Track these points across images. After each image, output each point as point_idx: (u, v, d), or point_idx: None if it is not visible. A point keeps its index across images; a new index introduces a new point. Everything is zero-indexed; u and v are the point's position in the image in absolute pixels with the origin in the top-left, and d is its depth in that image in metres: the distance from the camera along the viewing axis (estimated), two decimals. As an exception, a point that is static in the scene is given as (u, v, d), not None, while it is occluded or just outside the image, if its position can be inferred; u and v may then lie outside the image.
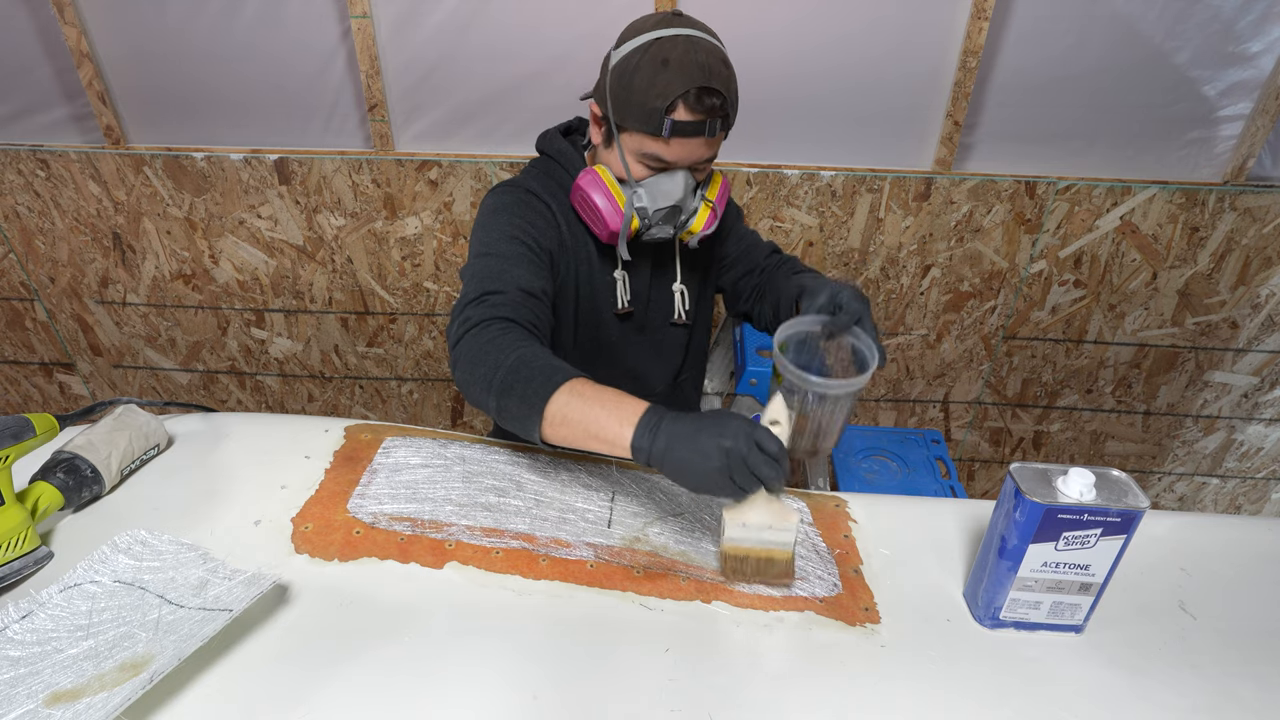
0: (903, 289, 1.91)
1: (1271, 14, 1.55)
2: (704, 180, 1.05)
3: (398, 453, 0.96)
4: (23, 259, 1.94)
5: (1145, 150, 1.73)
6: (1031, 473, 0.74)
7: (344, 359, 2.09)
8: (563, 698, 0.69)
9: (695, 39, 0.93)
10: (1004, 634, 0.79)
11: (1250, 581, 0.88)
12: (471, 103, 1.71)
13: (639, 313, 1.16)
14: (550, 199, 1.06)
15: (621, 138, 0.99)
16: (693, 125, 0.93)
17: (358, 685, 0.68)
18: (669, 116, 0.92)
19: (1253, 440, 2.14)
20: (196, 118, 1.75)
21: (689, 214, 1.04)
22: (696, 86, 0.90)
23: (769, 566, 0.80)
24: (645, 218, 1.02)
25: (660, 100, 0.91)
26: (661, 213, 1.01)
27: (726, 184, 1.08)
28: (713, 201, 1.05)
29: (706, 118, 0.93)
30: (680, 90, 0.90)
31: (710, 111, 0.92)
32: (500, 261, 0.97)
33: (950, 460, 1.76)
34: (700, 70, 0.91)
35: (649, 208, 1.01)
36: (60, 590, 0.73)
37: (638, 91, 0.93)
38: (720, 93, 0.92)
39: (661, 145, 0.95)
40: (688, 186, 1.00)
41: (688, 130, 0.93)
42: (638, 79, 0.93)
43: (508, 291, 0.92)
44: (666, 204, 1.00)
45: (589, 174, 1.01)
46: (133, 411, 0.95)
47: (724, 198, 1.07)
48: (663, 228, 1.03)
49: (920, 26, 1.60)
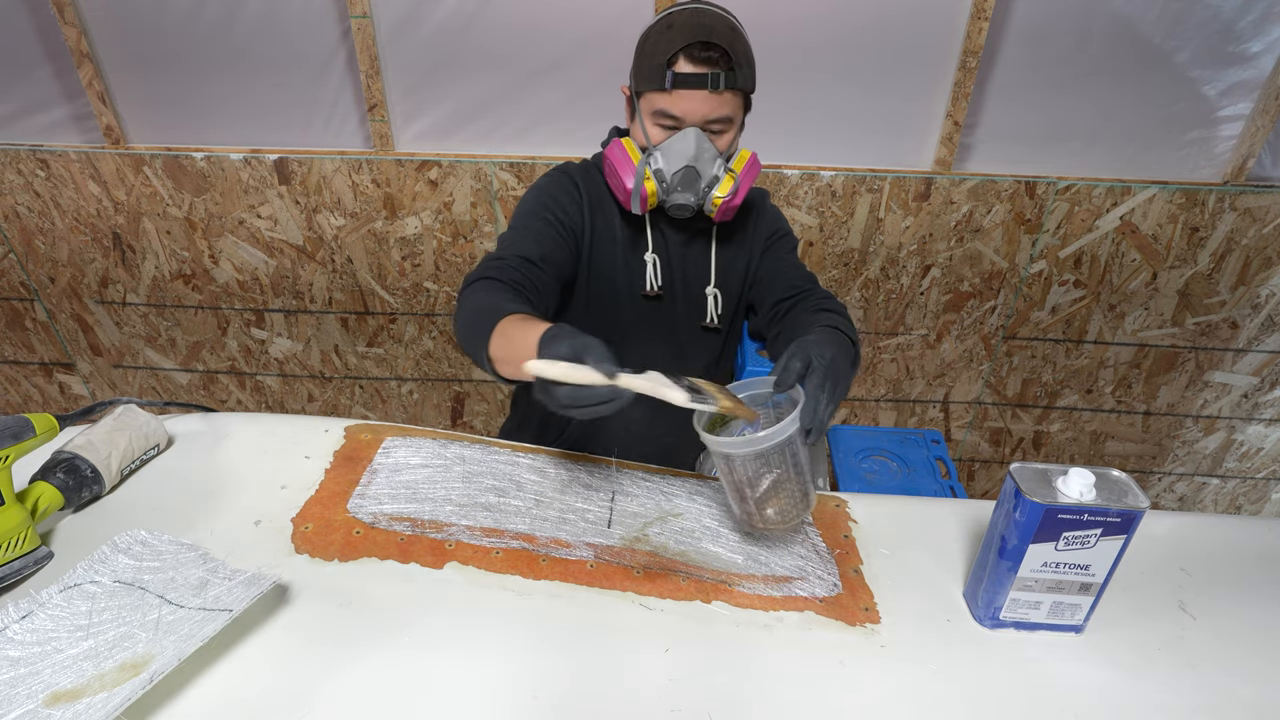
0: (903, 289, 1.91)
1: (1271, 14, 1.55)
2: (730, 154, 1.05)
3: (398, 453, 0.96)
4: (23, 259, 1.94)
5: (1145, 150, 1.73)
6: (1031, 473, 0.74)
7: (344, 359, 2.09)
8: (563, 698, 0.69)
9: (703, 7, 1.00)
10: (1004, 634, 0.79)
11: (1250, 581, 0.88)
12: (471, 103, 1.71)
13: (667, 305, 1.16)
14: (581, 178, 1.12)
15: (640, 104, 1.04)
16: (694, 77, 0.97)
17: (358, 685, 0.68)
18: (670, 69, 0.97)
19: (1253, 440, 2.14)
20: (196, 118, 1.75)
21: (709, 182, 1.03)
22: (697, 40, 0.95)
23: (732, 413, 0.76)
24: (663, 181, 1.03)
25: (663, 55, 0.97)
26: (679, 175, 1.02)
27: (756, 161, 1.07)
28: (737, 173, 1.04)
29: (708, 69, 0.96)
30: (681, 44, 0.96)
31: (710, 63, 0.96)
32: (514, 233, 1.05)
33: (950, 460, 1.76)
34: (702, 29, 0.96)
35: (665, 170, 1.02)
36: (60, 590, 0.73)
37: (646, 54, 1.00)
38: (720, 47, 0.95)
39: (666, 98, 0.99)
40: (701, 146, 1.00)
41: (689, 82, 0.97)
42: (648, 44, 1.01)
43: (506, 258, 0.99)
44: (680, 163, 1.01)
45: (614, 143, 1.07)
46: (133, 411, 0.95)
47: (751, 173, 1.06)
48: (683, 194, 1.02)
49: (920, 26, 1.60)
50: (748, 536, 0.89)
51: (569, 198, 1.10)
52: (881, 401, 2.12)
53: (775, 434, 0.74)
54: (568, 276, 1.09)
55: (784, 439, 0.75)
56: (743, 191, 1.05)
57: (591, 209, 1.11)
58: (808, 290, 1.11)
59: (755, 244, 1.18)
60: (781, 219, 1.22)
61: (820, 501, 0.97)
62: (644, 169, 1.03)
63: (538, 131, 1.75)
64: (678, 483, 0.98)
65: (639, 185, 1.03)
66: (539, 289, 0.99)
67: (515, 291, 0.95)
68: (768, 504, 0.80)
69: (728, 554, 0.86)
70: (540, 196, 1.09)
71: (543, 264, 1.01)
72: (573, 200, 1.10)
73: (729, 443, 0.75)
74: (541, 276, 1.00)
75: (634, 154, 1.04)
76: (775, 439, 0.74)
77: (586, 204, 1.11)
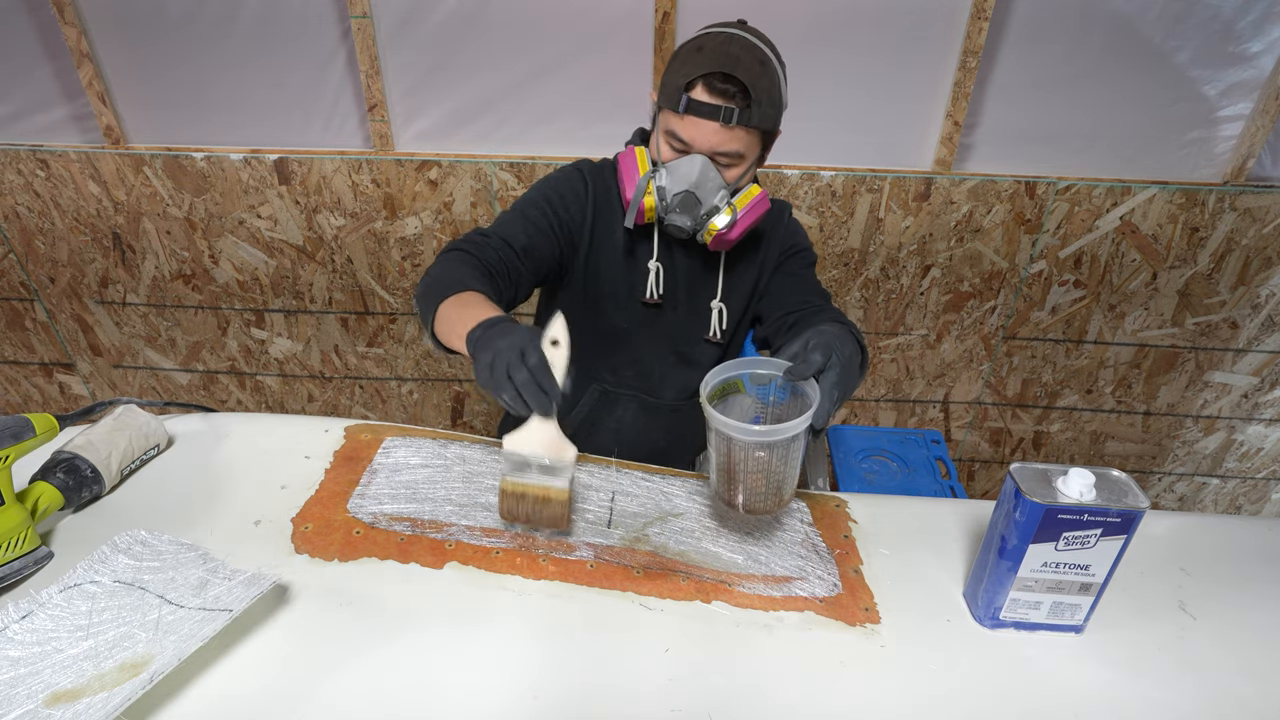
0: (903, 289, 1.91)
1: (1271, 14, 1.55)
2: (737, 187, 1.04)
3: (398, 453, 0.96)
4: (23, 259, 1.94)
5: (1145, 150, 1.73)
6: (1031, 473, 0.74)
7: (344, 359, 2.09)
8: (563, 698, 0.69)
9: (736, 35, 0.97)
10: (1004, 634, 0.79)
11: (1250, 581, 0.88)
12: (471, 103, 1.71)
13: (667, 313, 1.16)
14: (592, 178, 1.12)
15: (658, 119, 1.04)
16: (707, 107, 0.95)
17: (358, 685, 0.68)
18: (687, 94, 0.96)
19: (1253, 440, 2.14)
20: (196, 118, 1.75)
21: (708, 210, 1.03)
22: (719, 71, 0.94)
23: (544, 507, 0.81)
24: (664, 199, 1.03)
25: (684, 78, 0.96)
26: (678, 197, 1.01)
27: (763, 199, 1.06)
28: (738, 208, 1.03)
29: (722, 103, 0.95)
30: (702, 71, 0.95)
31: (727, 96, 0.95)
32: (508, 216, 1.07)
33: (950, 460, 1.76)
34: (728, 59, 0.94)
35: (668, 189, 1.02)
36: (60, 590, 0.73)
37: (671, 72, 0.99)
38: (741, 82, 0.94)
39: (679, 121, 0.98)
40: (706, 174, 1.00)
41: (702, 111, 0.96)
42: (675, 61, 1.00)
43: (490, 237, 1.02)
44: (682, 186, 1.01)
45: (629, 150, 1.07)
46: (133, 411, 0.95)
47: (754, 211, 1.05)
48: (680, 216, 1.02)
49: (920, 26, 1.60)
50: (748, 536, 0.89)
51: (573, 195, 1.10)
52: (881, 401, 2.12)
53: (786, 429, 0.75)
54: (548, 272, 1.10)
55: (793, 435, 0.76)
56: (741, 226, 1.04)
57: (596, 210, 1.11)
58: (819, 307, 1.09)
59: (768, 260, 1.16)
60: (800, 234, 1.20)
61: (820, 501, 0.97)
62: (646, 183, 1.03)
63: (538, 131, 1.75)
64: (677, 483, 0.98)
65: (637, 199, 1.03)
66: (510, 275, 1.01)
67: (484, 270, 0.98)
68: (755, 489, 0.80)
69: (728, 554, 0.86)
70: (545, 189, 1.10)
71: (522, 253, 1.03)
72: (576, 199, 1.10)
73: (737, 427, 0.76)
74: (517, 264, 1.02)
75: (644, 166, 1.04)
76: (786, 434, 0.75)
77: (591, 205, 1.11)
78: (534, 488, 0.81)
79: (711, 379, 0.82)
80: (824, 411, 0.78)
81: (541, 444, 0.78)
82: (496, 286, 0.98)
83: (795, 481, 0.82)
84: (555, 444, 0.79)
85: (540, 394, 0.74)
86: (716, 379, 0.83)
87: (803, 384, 0.81)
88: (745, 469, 0.79)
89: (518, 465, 0.80)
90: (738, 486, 0.81)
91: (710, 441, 0.81)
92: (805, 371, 0.80)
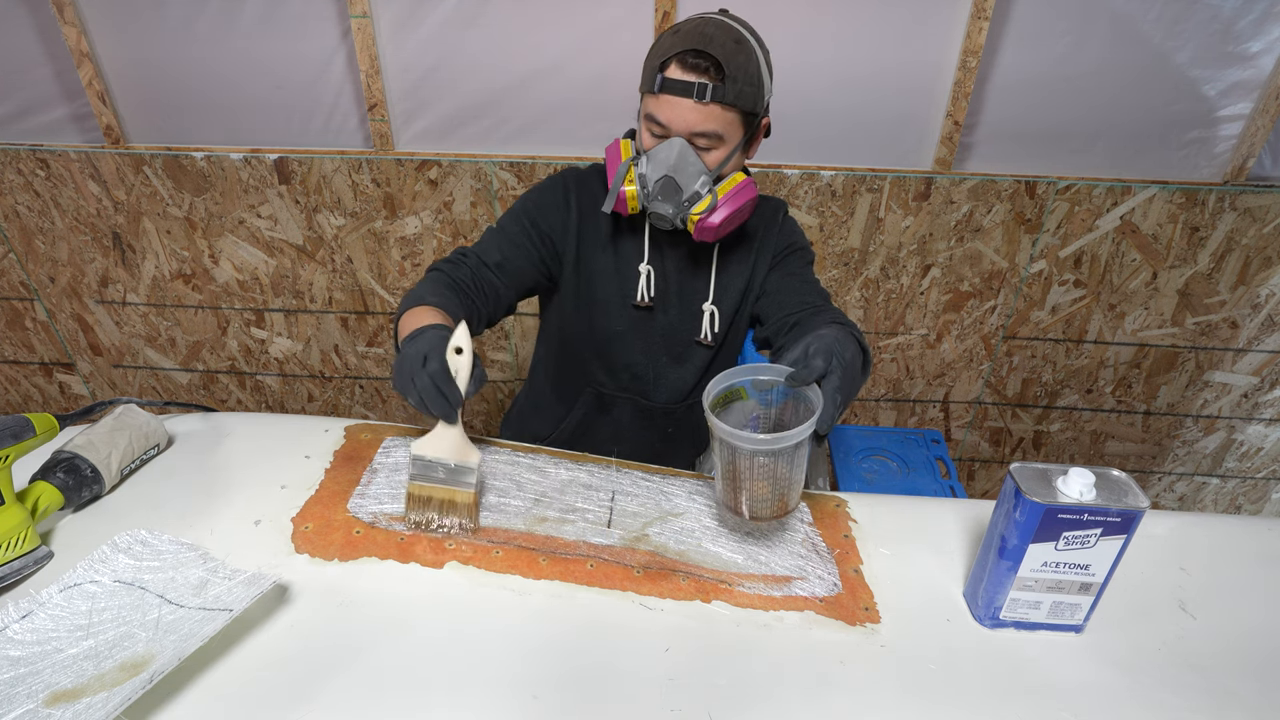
0: (903, 289, 1.91)
1: (1271, 14, 1.55)
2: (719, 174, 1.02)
3: (398, 453, 0.96)
4: (22, 259, 1.94)
5: (1145, 150, 1.73)
6: (1031, 473, 0.74)
7: (344, 359, 2.09)
8: (563, 698, 0.69)
9: (712, 17, 0.98)
10: (1004, 634, 0.79)
11: (1250, 581, 0.88)
12: (471, 103, 1.71)
13: (659, 316, 1.15)
14: (575, 185, 1.14)
15: (640, 106, 1.04)
16: (681, 85, 0.95)
17: (358, 685, 0.68)
18: (662, 73, 0.97)
19: (1253, 440, 2.14)
20: (196, 117, 1.75)
21: (690, 196, 1.01)
22: (692, 47, 0.94)
23: (451, 509, 0.83)
24: (645, 187, 1.03)
25: (658, 58, 0.97)
26: (659, 184, 1.01)
27: (747, 186, 1.04)
28: (719, 195, 1.02)
29: (695, 78, 0.95)
30: (677, 49, 0.95)
31: (699, 71, 0.95)
32: (489, 232, 1.12)
33: (950, 460, 1.76)
34: (703, 37, 0.95)
35: (649, 176, 1.02)
36: (60, 590, 0.73)
37: (649, 57, 1.00)
38: (713, 57, 0.94)
39: (655, 102, 0.98)
40: (684, 158, 0.98)
41: (676, 88, 0.96)
42: (654, 46, 1.00)
43: (468, 255, 1.07)
44: (661, 171, 1.00)
45: (614, 141, 1.08)
46: (133, 411, 0.95)
47: (737, 197, 1.02)
48: (662, 204, 1.01)
49: (920, 26, 1.60)
50: (748, 536, 0.89)
51: (553, 205, 1.12)
52: (881, 401, 2.12)
53: (791, 437, 0.75)
54: (533, 283, 1.13)
55: (797, 441, 0.76)
56: (721, 212, 1.01)
57: (581, 215, 1.11)
58: (820, 307, 1.07)
59: (761, 261, 1.15)
60: (797, 233, 1.18)
61: (820, 501, 0.97)
62: (628, 168, 1.03)
63: (538, 131, 1.75)
64: (677, 483, 0.98)
65: (617, 184, 1.03)
66: (485, 291, 1.06)
67: (454, 287, 1.02)
68: (760, 495, 0.80)
69: (728, 554, 0.86)
70: (525, 202, 1.13)
71: (496, 269, 1.07)
72: (556, 208, 1.12)
73: (741, 435, 0.75)
74: (492, 279, 1.07)
75: (626, 153, 1.04)
76: (790, 441, 0.75)
77: (575, 211, 1.11)
78: (440, 490, 0.83)
79: (714, 387, 0.82)
80: (828, 417, 0.78)
81: (446, 448, 0.82)
82: (467, 302, 1.02)
83: (800, 487, 0.82)
84: (460, 447, 0.82)
85: (440, 399, 0.79)
86: (719, 387, 0.83)
87: (808, 391, 0.81)
88: (750, 476, 0.79)
89: (424, 469, 0.82)
90: (743, 494, 0.80)
91: (714, 449, 0.81)
92: (807, 377, 0.80)
